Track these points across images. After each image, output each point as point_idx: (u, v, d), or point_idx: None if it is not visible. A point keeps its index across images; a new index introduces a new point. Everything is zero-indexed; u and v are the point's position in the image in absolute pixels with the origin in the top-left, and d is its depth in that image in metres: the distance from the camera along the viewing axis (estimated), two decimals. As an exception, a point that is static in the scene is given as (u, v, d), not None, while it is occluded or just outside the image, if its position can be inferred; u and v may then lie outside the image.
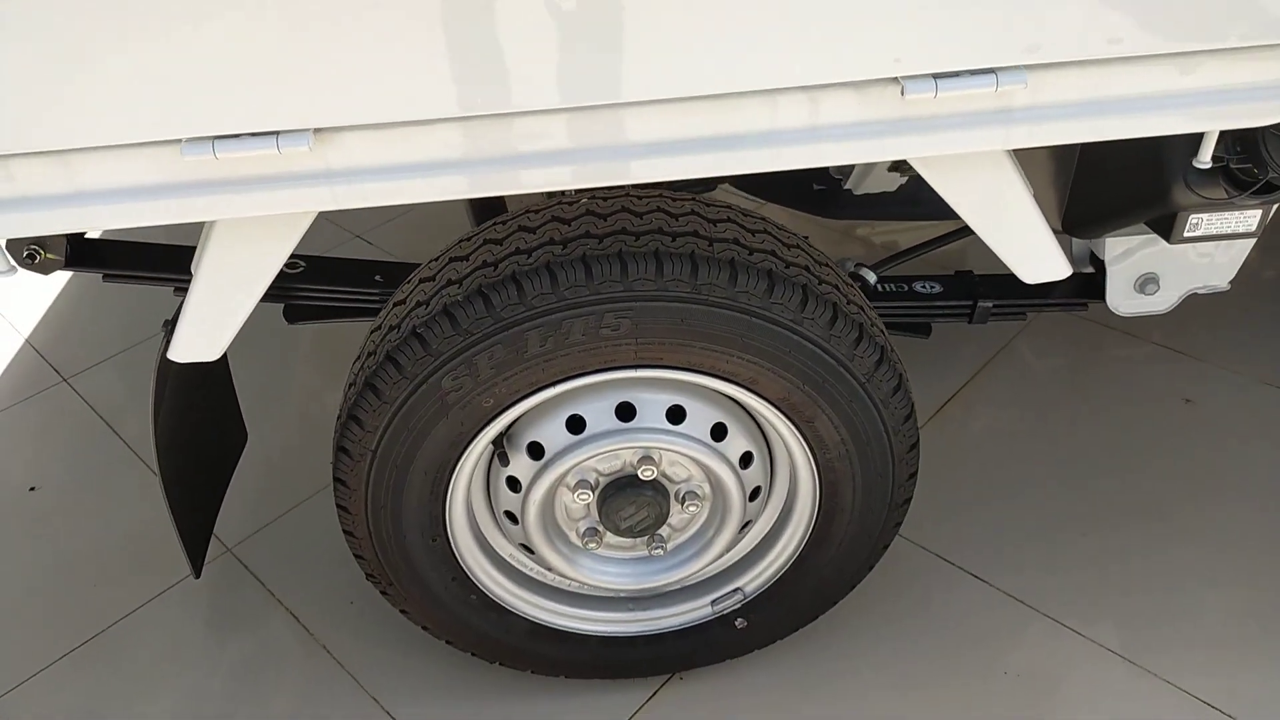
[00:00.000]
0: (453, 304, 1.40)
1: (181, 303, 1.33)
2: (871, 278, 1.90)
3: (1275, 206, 1.55)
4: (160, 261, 1.80)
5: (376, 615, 2.10)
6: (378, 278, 1.85)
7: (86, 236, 1.79)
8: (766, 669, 1.94)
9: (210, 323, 1.31)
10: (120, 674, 2.05)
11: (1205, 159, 1.33)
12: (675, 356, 1.45)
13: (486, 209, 2.00)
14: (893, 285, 1.97)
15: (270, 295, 1.86)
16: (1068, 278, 1.96)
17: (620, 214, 1.44)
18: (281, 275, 1.85)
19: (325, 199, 1.14)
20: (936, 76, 1.11)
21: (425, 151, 1.13)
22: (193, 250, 1.76)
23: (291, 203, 1.13)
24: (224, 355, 1.92)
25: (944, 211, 2.08)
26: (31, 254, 1.72)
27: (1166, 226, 1.52)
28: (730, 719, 1.88)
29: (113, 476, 2.53)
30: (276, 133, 1.07)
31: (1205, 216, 1.49)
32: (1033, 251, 1.35)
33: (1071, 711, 1.84)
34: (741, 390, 1.51)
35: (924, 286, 1.97)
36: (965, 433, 2.41)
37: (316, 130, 1.08)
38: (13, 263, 1.22)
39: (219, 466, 1.88)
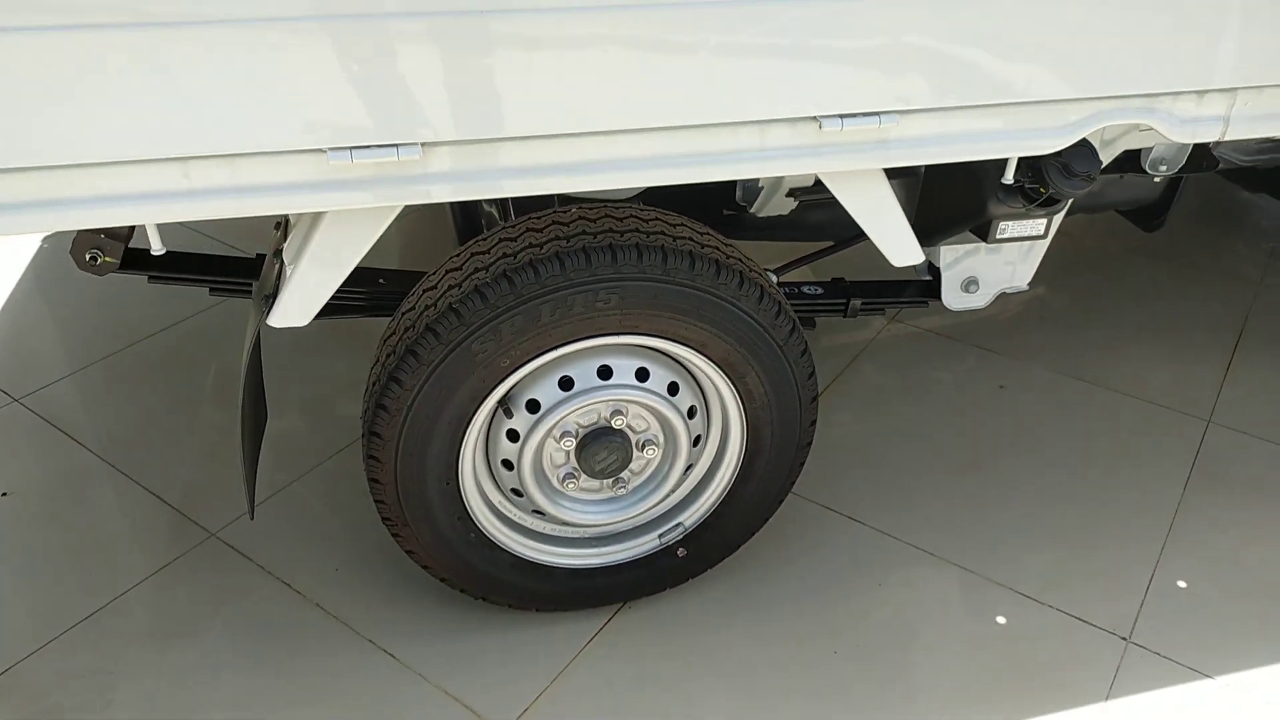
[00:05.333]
0: (483, 284, 1.84)
1: (274, 277, 1.71)
2: (774, 279, 2.45)
3: (1057, 217, 2.20)
4: (198, 267, 2.15)
5: (362, 576, 2.42)
6: (381, 280, 2.25)
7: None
8: (700, 597, 2.41)
9: (308, 294, 1.70)
10: (105, 655, 2.24)
11: (1009, 178, 1.96)
12: (649, 324, 1.93)
13: (469, 232, 2.43)
14: (786, 287, 2.52)
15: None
16: (914, 281, 2.58)
17: (605, 219, 1.93)
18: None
19: (420, 194, 1.57)
20: (842, 116, 1.66)
21: (490, 160, 1.59)
22: (219, 258, 2.15)
23: (399, 197, 1.55)
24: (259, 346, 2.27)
25: (821, 236, 2.69)
26: (93, 256, 2.03)
27: (984, 231, 2.14)
28: (672, 639, 2.33)
29: (85, 482, 2.69)
30: (396, 145, 1.50)
31: (1010, 223, 2.13)
32: (900, 242, 1.92)
33: (920, 613, 2.40)
34: (694, 353, 2.01)
35: (809, 288, 2.53)
36: (830, 418, 2.98)
37: (424, 144, 1.52)
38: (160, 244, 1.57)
39: (259, 434, 2.21)
